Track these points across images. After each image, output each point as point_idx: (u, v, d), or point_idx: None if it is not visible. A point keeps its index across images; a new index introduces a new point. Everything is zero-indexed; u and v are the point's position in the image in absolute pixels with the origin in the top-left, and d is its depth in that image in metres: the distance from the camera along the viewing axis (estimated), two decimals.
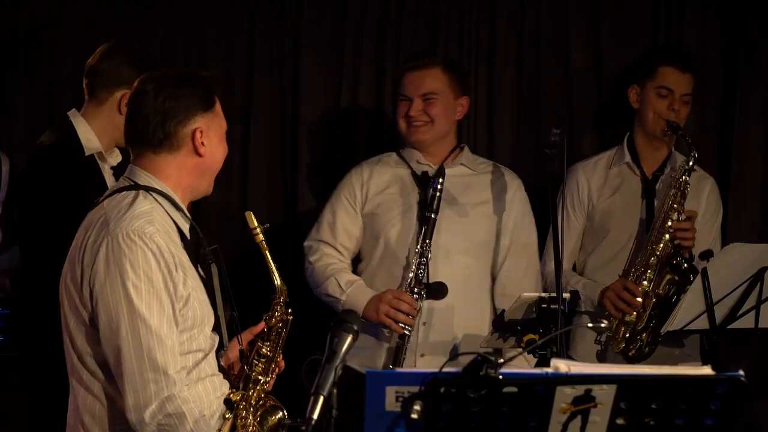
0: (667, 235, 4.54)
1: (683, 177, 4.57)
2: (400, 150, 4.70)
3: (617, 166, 4.86)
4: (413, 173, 4.60)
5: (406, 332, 4.37)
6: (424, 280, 4.40)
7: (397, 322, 4.37)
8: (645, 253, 4.58)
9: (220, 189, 5.17)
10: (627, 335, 4.57)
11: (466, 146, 4.71)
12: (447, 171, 4.51)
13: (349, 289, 4.49)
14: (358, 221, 4.62)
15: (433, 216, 4.43)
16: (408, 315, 4.36)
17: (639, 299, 4.53)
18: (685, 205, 4.58)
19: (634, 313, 4.55)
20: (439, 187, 4.44)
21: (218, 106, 3.24)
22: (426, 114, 4.55)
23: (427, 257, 4.40)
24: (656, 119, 4.75)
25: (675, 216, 4.55)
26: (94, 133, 4.21)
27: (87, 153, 4.18)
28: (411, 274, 4.41)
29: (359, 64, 5.30)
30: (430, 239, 4.41)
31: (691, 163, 4.58)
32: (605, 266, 4.76)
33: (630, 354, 4.57)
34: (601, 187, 4.85)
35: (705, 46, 5.22)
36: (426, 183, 4.54)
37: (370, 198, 4.61)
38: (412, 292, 4.38)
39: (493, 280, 4.63)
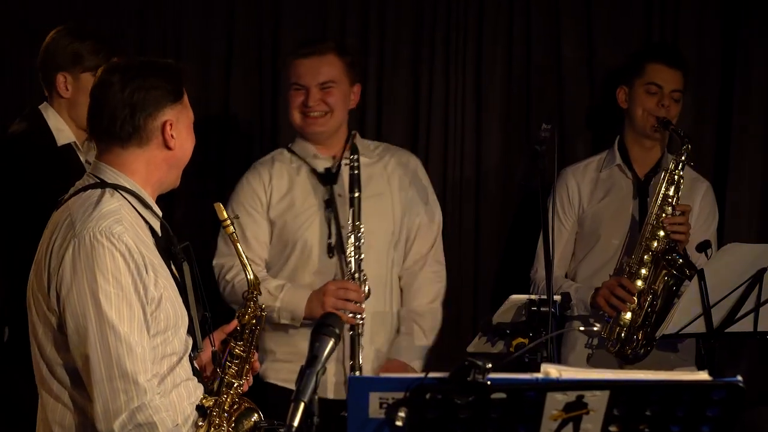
0: (662, 231, 4.54)
1: (677, 170, 4.58)
2: (290, 145, 4.61)
3: (608, 168, 4.86)
4: (313, 171, 4.53)
5: (360, 321, 4.35)
6: (362, 266, 4.38)
7: (347, 312, 4.32)
8: (639, 250, 4.58)
9: (197, 191, 5.16)
10: (622, 335, 4.57)
11: (356, 133, 4.64)
12: (344, 163, 4.49)
13: (281, 294, 4.40)
14: (266, 228, 4.52)
15: (357, 194, 4.40)
16: (356, 303, 4.33)
17: (634, 297, 4.53)
18: (679, 200, 4.58)
19: (629, 312, 4.56)
20: (356, 164, 4.41)
21: (186, 97, 3.21)
22: (324, 103, 4.47)
23: (360, 240, 4.37)
24: (645, 116, 4.76)
25: (669, 210, 4.56)
26: (65, 123, 4.21)
27: (60, 143, 4.18)
28: (350, 259, 4.37)
29: None
30: (360, 220, 4.38)
31: (684, 156, 4.59)
32: (597, 273, 4.75)
33: (626, 354, 4.57)
34: (591, 190, 4.85)
35: (702, 44, 5.22)
36: (330, 180, 4.49)
37: (274, 203, 4.51)
38: (353, 279, 4.36)
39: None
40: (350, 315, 4.33)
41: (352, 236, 4.37)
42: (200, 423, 3.15)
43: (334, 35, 5.24)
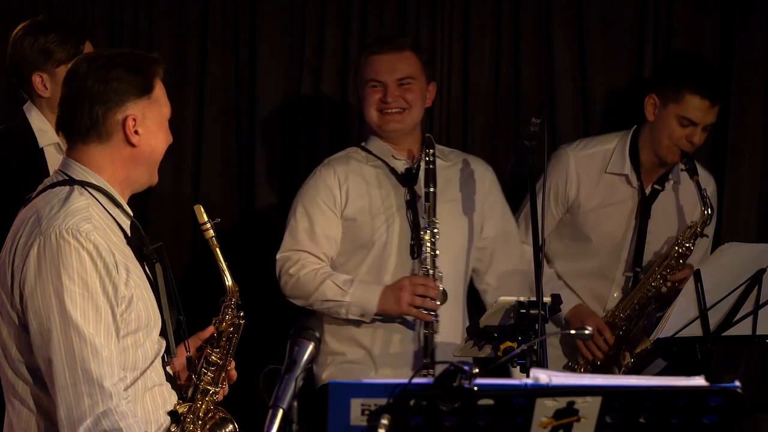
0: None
1: (690, 242, 4.59)
2: (365, 144, 4.64)
3: (613, 173, 4.78)
4: (392, 170, 4.55)
5: (435, 320, 4.37)
6: (437, 261, 4.40)
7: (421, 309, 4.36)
8: (627, 305, 4.64)
9: (171, 183, 5.16)
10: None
11: (430, 135, 4.62)
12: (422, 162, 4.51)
13: (351, 288, 4.41)
14: (338, 226, 4.52)
15: (432, 189, 4.40)
16: (432, 300, 4.35)
17: (610, 350, 4.62)
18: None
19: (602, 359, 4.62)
20: (432, 159, 4.42)
21: (158, 91, 3.19)
22: (403, 100, 4.51)
23: (436, 237, 4.39)
24: (671, 147, 4.66)
25: (669, 283, 4.59)
26: (48, 123, 4.21)
27: (41, 144, 4.20)
28: (425, 256, 4.39)
29: (322, 49, 5.25)
30: (435, 216, 4.40)
31: (706, 223, 4.57)
32: (572, 277, 4.78)
33: None
34: (591, 189, 4.79)
35: (698, 41, 5.23)
36: (411, 180, 4.52)
37: (350, 202, 4.51)
38: (427, 275, 4.38)
39: (470, 281, 4.66)
40: (425, 312, 4.35)
41: (428, 232, 4.39)
42: (173, 429, 3.15)
43: (314, 30, 5.24)
